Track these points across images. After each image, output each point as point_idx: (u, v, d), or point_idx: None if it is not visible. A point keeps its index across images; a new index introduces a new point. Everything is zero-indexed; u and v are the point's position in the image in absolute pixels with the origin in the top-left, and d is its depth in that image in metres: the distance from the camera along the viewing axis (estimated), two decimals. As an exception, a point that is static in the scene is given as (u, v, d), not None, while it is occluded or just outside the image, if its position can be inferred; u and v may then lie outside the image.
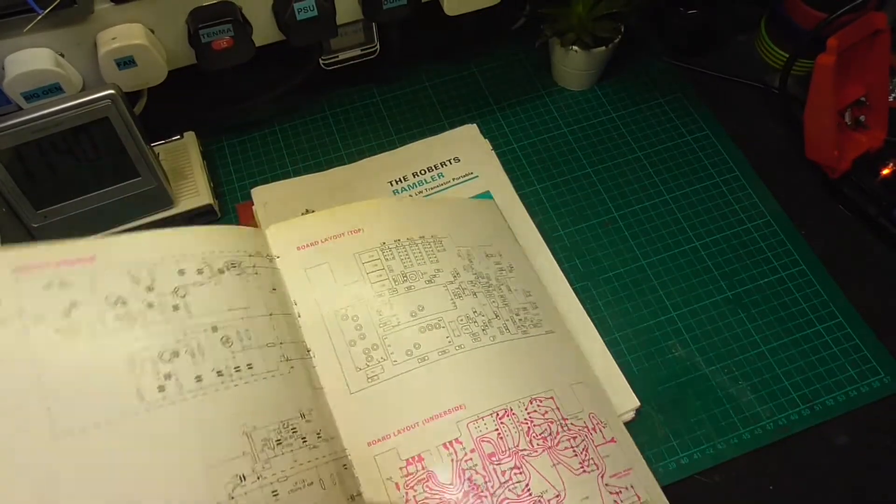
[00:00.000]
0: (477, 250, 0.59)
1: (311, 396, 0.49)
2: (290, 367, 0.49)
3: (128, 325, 0.44)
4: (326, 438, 0.48)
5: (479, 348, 0.53)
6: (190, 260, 0.48)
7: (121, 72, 0.56)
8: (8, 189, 0.56)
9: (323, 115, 0.75)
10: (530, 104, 0.76)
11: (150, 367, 0.43)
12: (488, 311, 0.55)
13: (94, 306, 0.44)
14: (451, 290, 0.56)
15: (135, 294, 0.45)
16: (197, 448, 0.43)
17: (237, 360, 0.46)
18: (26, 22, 0.51)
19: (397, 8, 0.62)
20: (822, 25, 0.64)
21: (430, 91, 0.77)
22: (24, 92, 0.54)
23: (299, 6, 0.58)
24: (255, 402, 0.46)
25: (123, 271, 0.46)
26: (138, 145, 0.58)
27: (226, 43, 0.58)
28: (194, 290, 0.47)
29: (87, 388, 0.42)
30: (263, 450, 0.44)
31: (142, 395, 0.42)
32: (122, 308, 0.44)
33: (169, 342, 0.45)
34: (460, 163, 0.70)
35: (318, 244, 0.56)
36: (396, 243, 0.57)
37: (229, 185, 0.70)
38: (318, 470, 0.46)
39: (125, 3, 0.54)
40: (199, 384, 0.44)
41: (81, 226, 0.61)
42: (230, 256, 0.50)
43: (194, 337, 0.46)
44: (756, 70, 0.77)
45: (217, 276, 0.49)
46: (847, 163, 0.66)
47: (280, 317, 0.51)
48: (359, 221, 0.57)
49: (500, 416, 0.51)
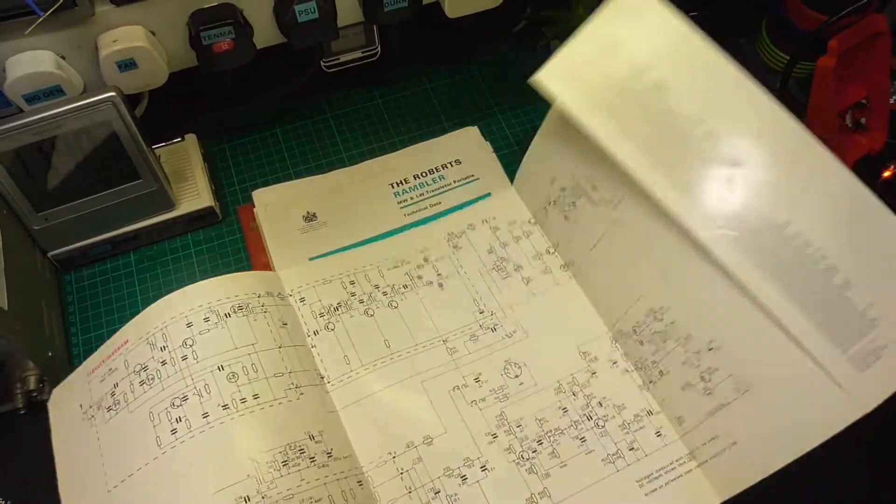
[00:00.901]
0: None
1: (322, 419, 0.53)
2: (300, 394, 0.53)
3: (148, 385, 0.51)
4: (338, 457, 0.51)
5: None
6: (197, 312, 0.53)
7: (122, 74, 0.56)
8: (9, 191, 0.56)
9: (324, 118, 0.75)
10: (531, 106, 0.76)
11: (165, 416, 0.50)
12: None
13: (126, 380, 0.52)
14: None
15: (152, 357, 0.52)
16: (204, 477, 0.48)
17: (242, 392, 0.51)
18: (27, 24, 0.51)
19: (398, 10, 0.62)
20: (822, 27, 0.64)
21: (431, 93, 0.77)
22: (25, 94, 0.54)
23: (300, 8, 0.58)
24: (259, 428, 0.50)
25: (143, 342, 0.53)
26: (139, 147, 0.58)
27: (227, 45, 0.58)
28: (201, 338, 0.52)
29: (124, 446, 0.50)
30: (269, 471, 0.48)
31: (159, 441, 0.49)
32: (144, 373, 0.52)
33: (178, 389, 0.51)
34: (461, 165, 0.70)
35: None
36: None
37: (230, 187, 0.70)
38: (326, 487, 0.49)
39: (126, 6, 0.54)
40: (206, 419, 0.49)
41: (82, 228, 0.61)
42: (237, 301, 0.55)
43: (201, 379, 0.51)
44: (757, 72, 0.76)
45: (223, 320, 0.54)
46: (848, 165, 0.65)
47: (290, 349, 0.55)
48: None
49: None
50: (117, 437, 0.51)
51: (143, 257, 0.65)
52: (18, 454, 0.56)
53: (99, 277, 0.64)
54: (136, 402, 0.51)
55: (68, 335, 0.61)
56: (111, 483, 0.50)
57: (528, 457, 0.53)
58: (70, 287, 0.64)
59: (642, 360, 0.55)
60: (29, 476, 0.56)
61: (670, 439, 0.53)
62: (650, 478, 0.52)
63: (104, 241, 0.63)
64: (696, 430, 0.52)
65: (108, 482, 0.50)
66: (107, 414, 0.52)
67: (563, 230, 0.60)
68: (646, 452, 0.53)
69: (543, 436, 0.53)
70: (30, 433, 0.57)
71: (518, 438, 0.53)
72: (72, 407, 0.54)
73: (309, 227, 0.65)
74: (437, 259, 0.62)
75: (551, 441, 0.53)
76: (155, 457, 0.49)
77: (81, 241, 0.62)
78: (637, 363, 0.56)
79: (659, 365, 0.54)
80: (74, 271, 0.65)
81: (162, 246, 0.66)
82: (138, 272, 0.65)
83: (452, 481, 0.52)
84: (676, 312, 0.52)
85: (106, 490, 0.49)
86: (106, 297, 0.63)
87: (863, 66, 0.64)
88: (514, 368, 0.56)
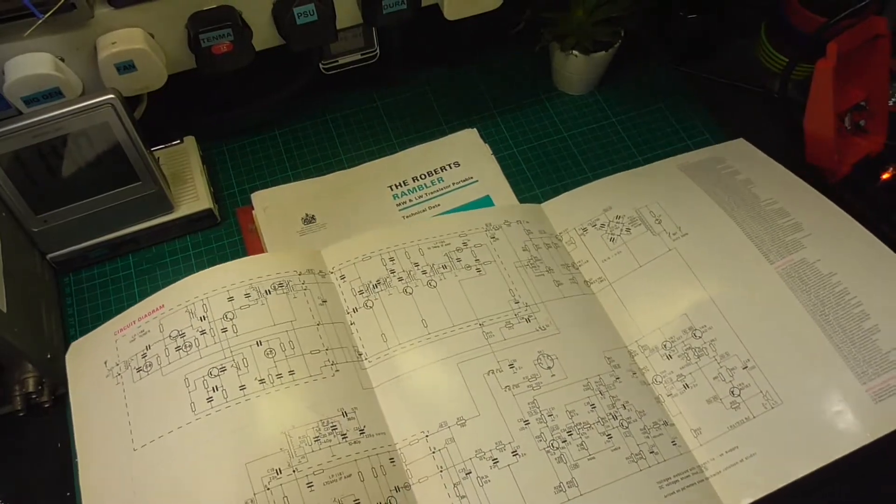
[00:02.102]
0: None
1: (356, 396, 0.54)
2: (335, 371, 0.54)
3: (185, 352, 0.53)
4: (371, 434, 0.52)
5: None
6: (238, 287, 0.55)
7: (121, 76, 0.56)
8: (8, 193, 0.56)
9: (323, 120, 0.75)
10: (530, 108, 0.76)
11: (201, 383, 0.51)
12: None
13: (161, 343, 0.53)
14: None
15: (190, 325, 0.54)
16: (237, 447, 0.49)
17: (279, 368, 0.52)
18: (26, 26, 0.51)
19: (397, 12, 0.62)
20: (822, 30, 0.64)
21: (430, 95, 0.77)
22: (24, 96, 0.54)
23: (299, 10, 0.58)
24: (293, 403, 0.52)
25: (182, 309, 0.54)
26: (138, 150, 0.58)
27: (226, 47, 0.58)
28: (241, 313, 0.54)
29: (155, 408, 0.52)
30: (300, 446, 0.50)
31: (193, 407, 0.51)
32: (181, 339, 0.53)
33: (217, 360, 0.52)
34: (460, 167, 0.70)
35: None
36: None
37: (229, 189, 0.70)
38: (357, 464, 0.51)
39: (125, 8, 0.54)
40: (243, 392, 0.51)
41: (82, 230, 0.61)
42: (278, 278, 0.57)
43: (239, 352, 0.53)
44: (756, 74, 0.77)
45: (263, 297, 0.55)
46: (847, 167, 0.66)
47: (328, 326, 0.56)
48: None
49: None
50: (147, 397, 0.52)
51: (141, 259, 0.66)
52: (17, 456, 0.57)
53: (98, 279, 0.64)
54: (171, 366, 0.52)
55: (67, 337, 0.61)
56: (138, 442, 0.50)
57: (558, 446, 0.53)
58: (69, 289, 0.64)
59: (665, 374, 0.57)
60: (28, 478, 0.56)
61: (684, 449, 0.54)
62: (669, 481, 0.52)
63: (103, 243, 0.63)
64: (715, 440, 0.54)
65: (134, 440, 0.50)
66: (136, 374, 0.53)
67: (603, 250, 0.63)
68: (665, 458, 0.53)
69: (573, 428, 0.54)
70: (29, 435, 0.57)
71: (549, 427, 0.53)
72: (94, 363, 0.55)
73: (308, 230, 0.65)
74: (475, 245, 0.62)
75: (580, 433, 0.53)
76: (188, 421, 0.50)
77: (80, 243, 0.62)
78: (658, 377, 0.57)
79: (685, 378, 0.56)
80: (73, 273, 0.65)
81: (161, 248, 0.66)
82: (137, 274, 0.65)
83: (484, 463, 0.52)
84: (718, 332, 0.57)
85: (131, 448, 0.50)
86: (105, 300, 0.63)
87: (862, 69, 0.64)
88: (547, 360, 0.56)
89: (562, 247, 0.64)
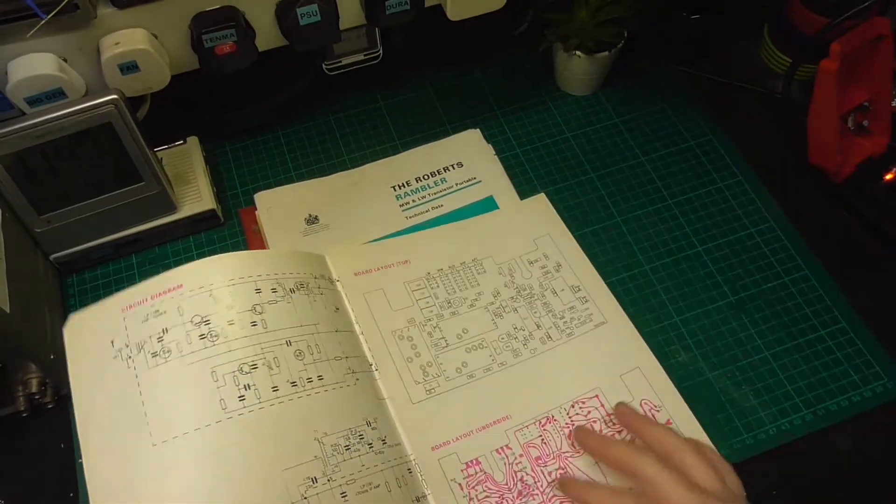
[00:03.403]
0: (519, 262, 0.63)
1: (375, 406, 0.54)
2: (356, 379, 0.54)
3: (210, 342, 0.49)
4: (391, 445, 0.52)
5: (519, 363, 0.58)
6: (265, 280, 0.53)
7: (124, 77, 0.56)
8: (11, 194, 0.56)
9: (326, 121, 0.75)
10: (533, 109, 0.76)
11: (231, 379, 0.48)
12: (529, 323, 0.60)
13: (181, 328, 0.50)
14: (492, 311, 0.61)
15: (217, 312, 0.50)
16: (273, 452, 0.47)
17: (309, 371, 0.51)
18: (29, 27, 0.51)
19: (401, 12, 0.62)
20: (824, 30, 0.64)
21: (433, 96, 0.77)
22: (27, 97, 0.54)
23: (302, 11, 0.58)
24: (325, 410, 0.50)
25: (205, 293, 0.51)
26: (141, 150, 0.58)
27: (229, 48, 0.58)
28: (270, 308, 0.52)
29: (178, 400, 0.48)
30: (333, 454, 0.49)
31: (224, 405, 0.48)
32: (206, 327, 0.50)
33: (248, 355, 0.49)
34: (463, 168, 0.70)
35: (371, 272, 0.62)
36: (440, 272, 0.63)
37: (232, 190, 0.70)
38: (383, 473, 0.50)
39: (128, 8, 0.54)
40: (276, 393, 0.49)
41: (85, 231, 0.61)
42: (299, 278, 0.55)
43: (271, 350, 0.50)
44: (759, 75, 0.77)
45: (289, 294, 0.54)
46: (850, 168, 0.66)
47: (344, 333, 0.56)
48: (406, 253, 0.63)
49: (543, 423, 0.55)
50: (166, 387, 0.48)
51: (144, 260, 0.65)
52: (20, 457, 0.57)
53: (101, 280, 0.64)
54: (195, 355, 0.49)
55: (70, 338, 0.61)
56: (158, 437, 0.46)
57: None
58: (72, 290, 0.64)
59: None
60: (31, 479, 0.56)
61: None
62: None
63: (106, 243, 0.63)
64: None
65: (152, 434, 0.47)
66: (152, 359, 0.49)
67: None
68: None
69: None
70: (32, 436, 0.57)
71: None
72: (99, 341, 0.50)
73: (311, 230, 0.65)
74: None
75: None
76: (218, 420, 0.47)
77: (83, 243, 0.62)
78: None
79: None
80: (76, 274, 0.65)
81: (164, 249, 0.66)
82: (140, 275, 0.65)
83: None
84: None
85: (150, 443, 0.46)
86: (108, 300, 0.63)
87: (865, 69, 0.64)
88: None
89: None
